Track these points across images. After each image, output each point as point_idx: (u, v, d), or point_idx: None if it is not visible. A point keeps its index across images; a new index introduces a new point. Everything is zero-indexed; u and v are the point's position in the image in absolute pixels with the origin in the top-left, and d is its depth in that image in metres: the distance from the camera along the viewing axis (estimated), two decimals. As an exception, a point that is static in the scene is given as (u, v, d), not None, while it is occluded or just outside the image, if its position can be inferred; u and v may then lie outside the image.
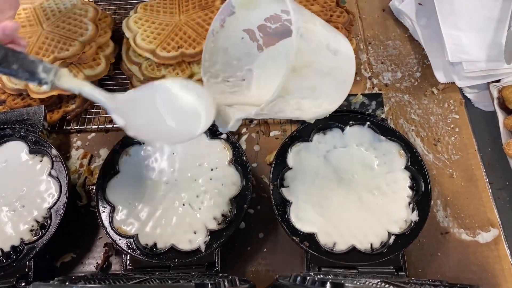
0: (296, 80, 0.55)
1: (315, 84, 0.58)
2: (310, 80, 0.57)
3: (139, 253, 0.72)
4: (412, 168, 0.77)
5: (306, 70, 0.55)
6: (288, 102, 0.57)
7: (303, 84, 0.56)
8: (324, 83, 0.59)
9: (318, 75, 0.57)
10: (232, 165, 0.79)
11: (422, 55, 1.01)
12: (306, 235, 0.72)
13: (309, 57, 0.55)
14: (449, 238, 0.80)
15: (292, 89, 0.55)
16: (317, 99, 0.60)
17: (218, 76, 0.69)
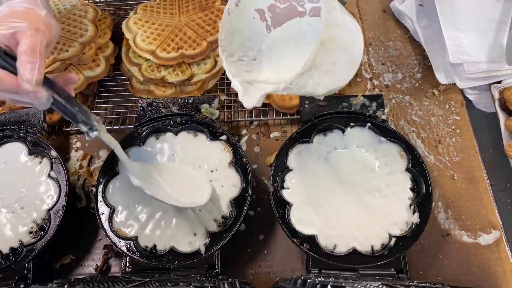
0: (323, 54, 0.57)
1: (336, 58, 0.61)
2: (333, 54, 0.60)
3: (139, 255, 0.72)
4: (413, 170, 0.77)
5: (331, 44, 0.58)
6: (314, 75, 0.59)
7: (327, 58, 0.59)
8: (342, 58, 0.62)
9: (339, 49, 0.60)
10: (232, 166, 0.79)
11: (423, 56, 1.01)
12: (306, 237, 0.72)
13: (334, 31, 0.58)
14: (450, 240, 0.79)
15: (319, 63, 0.58)
16: (335, 74, 0.63)
17: (233, 55, 0.71)
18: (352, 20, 0.64)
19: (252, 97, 0.64)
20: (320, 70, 0.59)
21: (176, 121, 0.84)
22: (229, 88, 0.97)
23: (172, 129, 0.83)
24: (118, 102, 0.97)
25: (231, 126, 0.94)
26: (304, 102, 0.85)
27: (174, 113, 0.85)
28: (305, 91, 0.63)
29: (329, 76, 0.62)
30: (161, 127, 0.83)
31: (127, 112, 0.95)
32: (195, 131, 0.83)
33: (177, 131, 0.83)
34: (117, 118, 0.94)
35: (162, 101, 0.87)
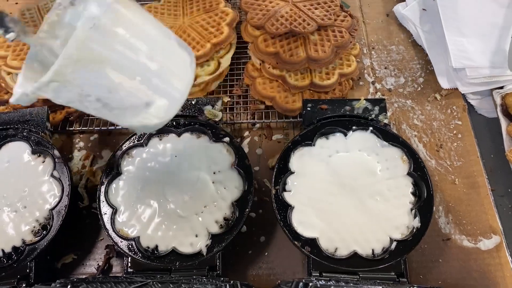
0: (80, 72, 0.49)
1: (113, 86, 0.52)
2: (104, 79, 0.51)
3: (140, 256, 0.72)
4: (414, 174, 0.77)
5: (96, 66, 0.50)
6: (79, 95, 0.52)
7: (92, 80, 0.51)
8: (129, 91, 0.54)
9: (118, 77, 0.52)
10: (234, 168, 0.79)
11: (425, 60, 1.01)
12: (307, 240, 0.72)
13: (103, 53, 0.50)
14: (450, 245, 0.80)
15: (76, 80, 0.50)
16: (124, 107, 0.54)
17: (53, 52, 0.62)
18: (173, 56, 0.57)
19: (17, 93, 0.55)
20: (86, 91, 0.52)
21: (179, 122, 0.84)
22: (232, 90, 0.97)
23: (175, 130, 0.83)
24: (121, 103, 0.97)
25: (234, 128, 0.94)
26: (307, 105, 0.86)
27: (177, 115, 0.85)
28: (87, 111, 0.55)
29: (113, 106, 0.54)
30: (164, 128, 0.83)
31: (130, 113, 0.95)
32: (198, 132, 0.84)
33: (180, 133, 0.83)
34: (120, 119, 0.95)
35: (165, 102, 0.87)
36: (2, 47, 0.91)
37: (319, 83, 0.91)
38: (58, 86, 0.50)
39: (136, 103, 0.55)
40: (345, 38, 0.91)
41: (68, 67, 0.48)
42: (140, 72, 0.54)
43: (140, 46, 0.54)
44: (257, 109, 0.95)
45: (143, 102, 0.56)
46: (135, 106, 0.55)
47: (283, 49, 0.91)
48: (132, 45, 0.53)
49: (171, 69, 0.58)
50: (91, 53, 0.49)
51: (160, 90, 0.57)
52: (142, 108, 0.56)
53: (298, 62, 0.90)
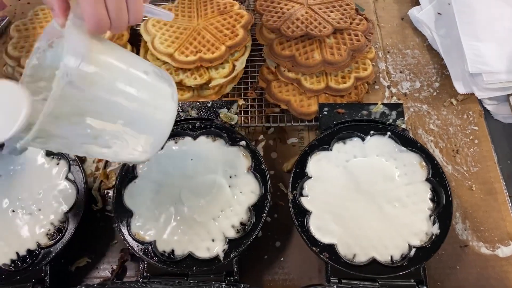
0: (62, 126, 0.50)
1: (98, 133, 0.53)
2: (87, 129, 0.52)
3: (157, 260, 0.71)
4: (433, 180, 0.76)
5: (77, 118, 0.51)
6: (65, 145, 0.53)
7: (75, 132, 0.52)
8: (113, 134, 0.55)
9: (99, 125, 0.53)
10: (251, 172, 0.78)
11: (441, 65, 1.00)
12: (325, 246, 0.71)
13: (83, 105, 0.50)
14: (468, 251, 0.79)
15: (59, 134, 0.51)
16: (109, 147, 0.55)
17: (40, 93, 0.61)
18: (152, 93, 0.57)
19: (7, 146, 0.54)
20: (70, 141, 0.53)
21: (194, 125, 0.83)
22: (246, 93, 0.96)
23: (190, 133, 0.83)
24: (135, 105, 0.96)
25: (248, 131, 0.93)
26: (323, 109, 0.85)
27: (192, 117, 0.85)
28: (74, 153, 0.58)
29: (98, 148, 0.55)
30: (180, 131, 0.83)
31: (143, 115, 0.94)
32: (214, 135, 0.83)
33: (196, 136, 0.83)
34: (133, 121, 0.94)
35: (181, 105, 0.86)
36: (16, 48, 0.91)
37: (335, 86, 0.90)
38: (44, 140, 0.50)
39: (122, 144, 0.56)
40: (361, 42, 0.91)
41: (49, 124, 0.48)
42: (121, 115, 0.54)
43: (118, 90, 0.54)
44: (272, 112, 0.94)
45: (129, 142, 0.56)
46: (121, 146, 0.56)
47: (299, 52, 0.90)
48: (110, 90, 0.53)
49: (153, 105, 0.58)
50: (69, 107, 0.49)
51: (144, 128, 0.57)
52: (129, 147, 0.57)
53: (314, 66, 0.89)
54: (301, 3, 0.97)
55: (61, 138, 0.52)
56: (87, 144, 0.54)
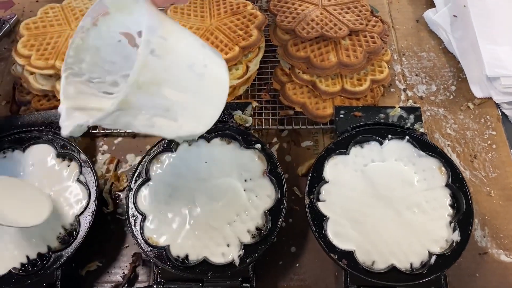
0: (142, 96, 0.52)
1: (170, 104, 0.55)
2: (162, 99, 0.54)
3: (171, 265, 0.70)
4: (452, 186, 0.75)
5: (155, 88, 0.52)
6: (135, 117, 0.54)
7: (152, 102, 0.54)
8: (183, 105, 0.56)
9: (173, 95, 0.55)
10: (266, 176, 0.77)
11: (457, 68, 0.99)
12: (344, 253, 0.70)
13: (161, 75, 0.52)
14: (487, 259, 0.77)
15: (138, 105, 0.52)
16: (176, 120, 0.57)
17: (82, 75, 0.63)
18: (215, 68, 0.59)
19: (69, 125, 0.56)
20: (145, 112, 0.54)
21: (209, 127, 0.82)
22: (260, 95, 0.95)
23: (205, 136, 0.81)
24: (146, 105, 0.95)
25: (261, 134, 0.92)
26: (340, 112, 0.84)
27: (206, 119, 0.83)
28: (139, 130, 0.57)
29: (166, 121, 0.56)
30: (194, 133, 0.81)
31: (155, 116, 0.93)
32: (228, 138, 0.81)
33: (210, 138, 0.81)
34: (145, 122, 0.92)
35: (194, 106, 0.84)
36: (25, 46, 0.89)
37: (350, 89, 0.89)
38: (120, 113, 0.52)
39: (188, 116, 0.57)
40: (377, 44, 0.89)
41: (132, 94, 0.50)
42: (191, 86, 0.56)
43: (189, 60, 0.55)
44: (286, 114, 0.92)
45: (194, 114, 0.58)
46: (187, 119, 0.57)
47: (314, 53, 0.89)
48: (183, 60, 0.55)
49: (215, 77, 0.59)
50: (150, 76, 0.51)
51: (208, 99, 0.59)
52: (193, 119, 0.58)
53: (330, 68, 0.87)
54: (315, 4, 0.95)
55: (136, 110, 0.53)
56: (157, 116, 0.55)
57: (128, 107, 0.51)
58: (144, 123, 0.55)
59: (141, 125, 0.55)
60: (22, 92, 0.94)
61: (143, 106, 0.53)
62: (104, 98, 0.63)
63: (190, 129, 0.59)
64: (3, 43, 1.07)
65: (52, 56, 0.87)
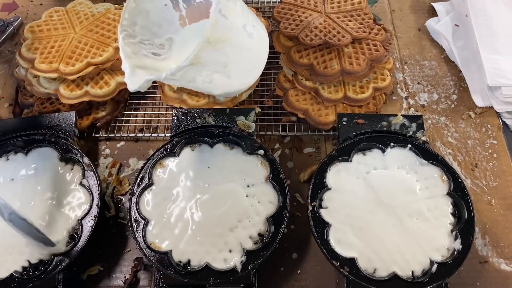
0: (209, 52, 0.60)
1: (229, 61, 0.63)
2: (224, 56, 0.62)
3: (173, 271, 0.70)
4: (454, 195, 0.75)
5: (220, 45, 0.60)
6: (200, 72, 0.62)
7: (216, 58, 0.61)
8: (237, 62, 0.65)
9: (231, 52, 0.63)
10: (269, 182, 0.77)
11: (458, 77, 0.99)
12: (346, 260, 0.70)
13: (225, 33, 0.60)
14: (488, 268, 0.78)
15: (205, 60, 0.60)
16: (229, 77, 0.65)
17: (135, 36, 0.70)
18: (257, 27, 0.67)
19: (137, 80, 0.64)
20: (209, 68, 0.62)
21: (212, 132, 0.82)
22: (263, 101, 0.95)
23: (208, 141, 0.81)
24: (149, 110, 0.95)
25: (264, 140, 0.92)
26: (342, 120, 0.84)
27: (210, 125, 0.83)
28: (196, 87, 0.65)
29: (221, 77, 0.64)
30: (197, 138, 0.81)
31: (158, 121, 0.93)
32: (231, 143, 0.81)
33: (213, 143, 0.81)
34: (147, 126, 0.93)
35: (197, 112, 0.85)
36: (30, 50, 0.89)
37: (353, 96, 0.89)
38: (189, 68, 0.59)
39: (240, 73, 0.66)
40: (380, 52, 0.90)
41: (203, 50, 0.58)
42: (245, 45, 0.65)
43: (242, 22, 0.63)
44: (288, 121, 0.93)
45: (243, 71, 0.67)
46: (238, 75, 0.66)
47: (317, 61, 0.89)
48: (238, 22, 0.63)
49: (261, 37, 0.69)
50: (219, 34, 0.59)
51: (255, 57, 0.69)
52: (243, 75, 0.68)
53: (332, 75, 0.88)
54: (319, 11, 0.96)
55: (203, 65, 0.60)
56: (217, 72, 0.63)
57: (198, 62, 0.59)
58: (205, 78, 0.62)
59: (202, 80, 0.63)
60: (25, 95, 0.94)
61: (208, 61, 0.60)
62: (154, 59, 0.71)
63: (238, 86, 0.68)
64: (7, 46, 1.07)
65: (56, 60, 0.87)
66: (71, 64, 0.86)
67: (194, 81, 0.62)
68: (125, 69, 0.65)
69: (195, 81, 0.62)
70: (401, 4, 1.13)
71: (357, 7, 0.97)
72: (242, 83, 0.69)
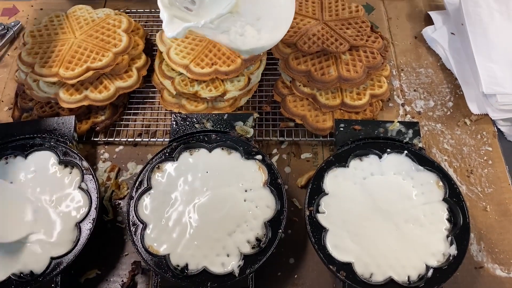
0: (247, 3, 0.63)
1: (261, 14, 0.66)
2: (259, 8, 0.65)
3: (171, 274, 0.70)
4: (450, 200, 0.76)
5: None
6: (235, 22, 0.65)
7: (252, 9, 0.65)
8: (268, 17, 0.67)
9: (266, 6, 0.66)
10: (267, 187, 0.78)
11: (454, 84, 1.01)
12: (342, 264, 0.70)
13: None
14: (483, 273, 0.78)
15: (242, 10, 0.64)
16: (260, 30, 0.67)
17: None
18: None
19: (175, 27, 0.66)
20: (244, 19, 0.65)
21: (210, 137, 0.83)
22: (261, 107, 0.96)
23: (206, 146, 0.82)
24: (148, 115, 0.96)
25: (262, 145, 0.93)
26: (340, 125, 0.85)
27: (208, 130, 0.84)
28: (229, 40, 0.67)
29: (252, 30, 0.67)
30: (195, 143, 0.82)
31: (157, 125, 0.94)
32: (230, 148, 0.82)
33: (211, 148, 0.82)
34: (146, 131, 0.93)
35: (196, 117, 0.86)
36: (30, 54, 0.90)
37: (350, 103, 0.90)
38: (226, 17, 0.63)
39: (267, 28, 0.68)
40: (377, 59, 0.91)
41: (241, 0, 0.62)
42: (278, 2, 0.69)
43: None
44: (286, 126, 0.93)
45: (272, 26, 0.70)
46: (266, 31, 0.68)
47: (315, 67, 0.90)
48: None
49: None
50: None
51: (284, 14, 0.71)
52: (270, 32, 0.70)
53: (330, 81, 0.89)
54: (316, 18, 0.97)
55: (238, 15, 0.64)
56: (250, 25, 0.66)
57: (236, 10, 0.62)
58: (238, 29, 0.65)
59: (235, 31, 0.66)
60: (25, 98, 0.95)
61: (245, 11, 0.64)
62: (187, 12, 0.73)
63: (264, 42, 0.70)
64: (7, 50, 1.08)
65: (55, 64, 0.88)
66: (70, 68, 0.87)
67: (228, 31, 0.65)
68: (163, 17, 0.68)
69: (228, 32, 0.65)
70: (398, 12, 1.14)
71: (355, 15, 0.98)
72: (269, 39, 0.70)
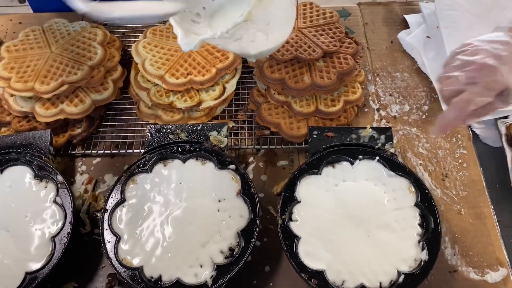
0: (259, 10, 0.66)
1: (271, 19, 0.69)
2: (270, 14, 0.69)
3: (144, 286, 0.71)
4: (421, 205, 0.76)
5: (268, 3, 0.67)
6: (248, 30, 0.68)
7: (263, 16, 0.68)
8: (275, 19, 0.70)
9: (275, 12, 0.69)
10: (240, 196, 0.78)
11: (430, 88, 1.01)
12: (314, 272, 0.71)
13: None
14: (457, 277, 0.79)
15: (255, 18, 0.66)
16: (268, 34, 0.71)
17: None
18: None
19: (190, 41, 0.70)
20: (255, 26, 0.68)
21: (184, 148, 0.83)
22: (237, 115, 0.97)
23: (180, 157, 0.82)
24: (125, 126, 0.96)
25: (238, 154, 0.93)
26: (313, 133, 0.85)
27: (182, 140, 0.85)
28: (240, 47, 0.70)
29: (262, 35, 0.70)
30: (169, 154, 0.83)
31: (134, 136, 0.95)
32: (203, 159, 0.83)
33: (185, 159, 0.82)
34: (123, 142, 0.94)
35: (171, 128, 0.86)
36: (6, 69, 0.91)
37: (324, 110, 0.91)
38: (240, 26, 0.66)
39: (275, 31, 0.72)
40: (350, 65, 0.91)
41: (255, 7, 0.65)
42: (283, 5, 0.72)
43: None
44: (262, 134, 0.94)
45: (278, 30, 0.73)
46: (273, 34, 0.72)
47: (289, 75, 0.91)
48: None
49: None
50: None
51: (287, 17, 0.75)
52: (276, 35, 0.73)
53: (304, 89, 0.89)
54: (291, 26, 0.98)
55: (251, 23, 0.67)
56: (260, 31, 0.69)
57: (249, 18, 0.66)
58: (249, 36, 0.69)
59: (247, 38, 0.69)
60: (2, 113, 0.95)
61: (256, 18, 0.67)
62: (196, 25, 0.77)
63: (272, 44, 0.74)
64: (-14, 64, 1.09)
65: (31, 79, 0.89)
66: (46, 83, 0.88)
67: (241, 39, 0.68)
68: (177, 32, 0.71)
69: (241, 39, 0.68)
70: (374, 16, 1.15)
71: (329, 21, 0.99)
72: (276, 41, 0.74)
